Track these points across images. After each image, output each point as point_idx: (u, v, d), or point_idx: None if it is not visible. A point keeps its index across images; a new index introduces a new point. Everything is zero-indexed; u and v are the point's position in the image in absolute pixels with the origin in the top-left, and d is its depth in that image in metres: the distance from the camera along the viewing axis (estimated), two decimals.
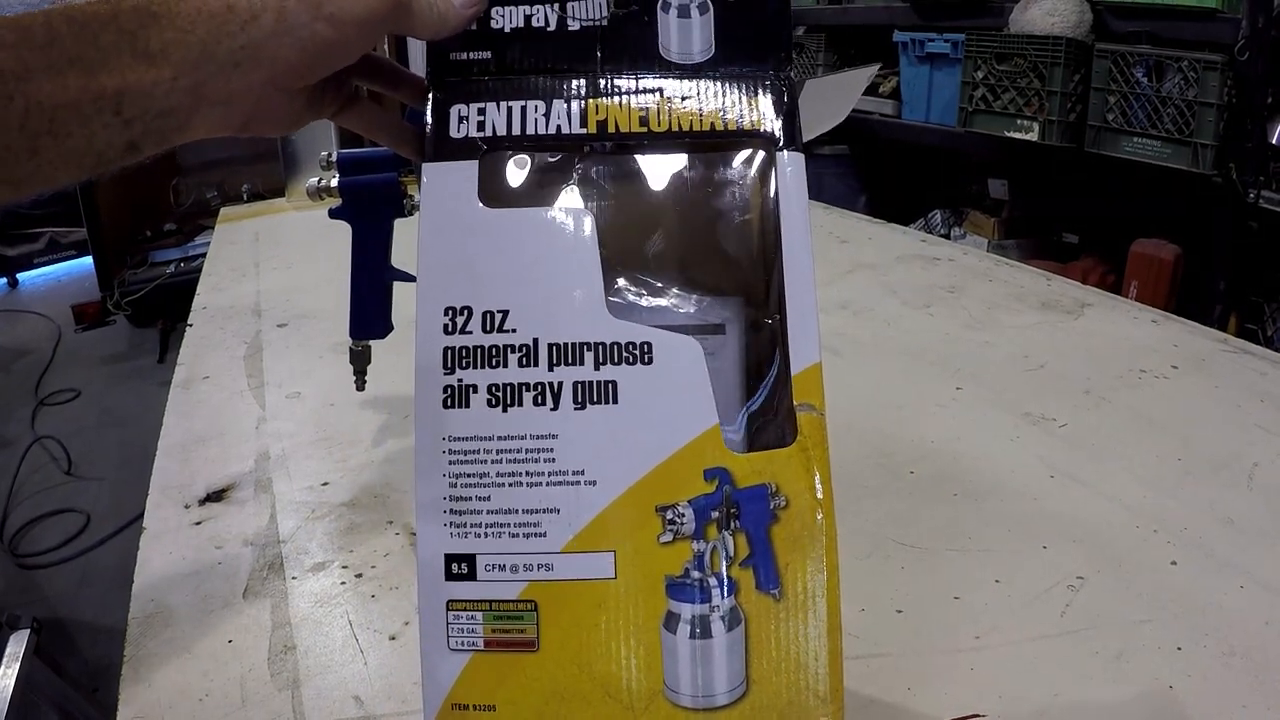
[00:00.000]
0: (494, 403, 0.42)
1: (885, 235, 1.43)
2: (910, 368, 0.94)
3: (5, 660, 1.20)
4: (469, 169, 0.44)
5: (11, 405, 2.86)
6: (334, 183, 0.73)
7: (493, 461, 0.42)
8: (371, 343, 0.79)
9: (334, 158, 0.73)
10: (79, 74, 0.34)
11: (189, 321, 1.17)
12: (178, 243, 3.24)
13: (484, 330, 0.43)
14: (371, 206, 0.73)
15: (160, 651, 0.58)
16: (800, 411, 0.42)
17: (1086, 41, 2.04)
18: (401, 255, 0.73)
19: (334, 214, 0.73)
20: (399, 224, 0.74)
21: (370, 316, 0.76)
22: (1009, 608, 0.58)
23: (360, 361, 0.80)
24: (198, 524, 0.72)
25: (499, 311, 0.43)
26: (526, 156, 0.46)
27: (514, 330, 0.43)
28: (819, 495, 0.42)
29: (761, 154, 0.46)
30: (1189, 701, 0.50)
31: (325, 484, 0.77)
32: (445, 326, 0.43)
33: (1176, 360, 0.92)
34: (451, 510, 0.42)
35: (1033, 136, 2.14)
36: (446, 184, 0.44)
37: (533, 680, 0.42)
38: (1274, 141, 1.75)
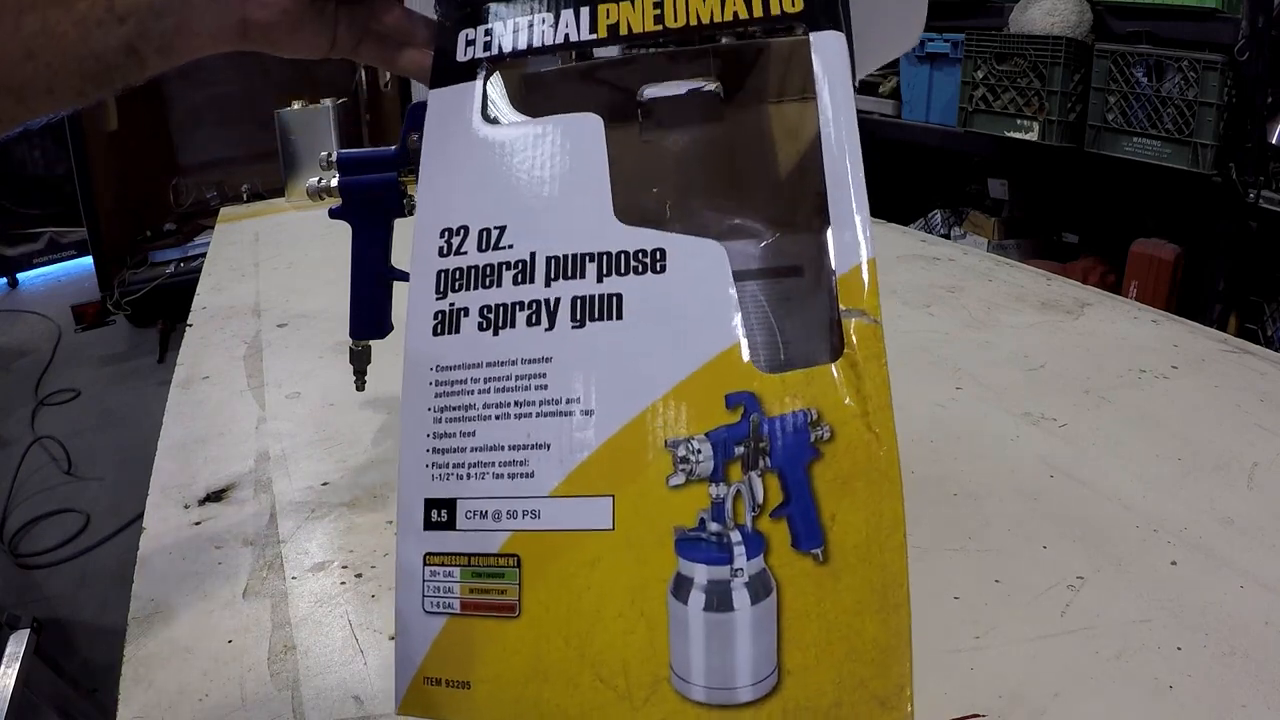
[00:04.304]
0: (485, 326, 0.38)
1: (885, 235, 1.42)
2: (910, 368, 0.94)
3: (5, 660, 1.20)
4: (471, 89, 0.42)
5: (11, 405, 2.86)
6: (334, 183, 0.73)
7: (480, 391, 0.38)
8: (371, 343, 0.79)
9: (334, 158, 0.73)
10: None
11: (189, 321, 1.17)
12: (177, 243, 3.25)
13: (479, 249, 0.39)
14: (371, 206, 0.72)
15: (160, 651, 0.58)
16: (848, 319, 0.34)
17: (1086, 41, 2.03)
18: (401, 255, 0.73)
19: (334, 214, 0.73)
20: (399, 224, 0.74)
21: (370, 316, 0.75)
22: (1009, 608, 0.58)
23: (360, 361, 0.80)
24: (197, 524, 0.72)
25: (495, 228, 0.39)
26: (532, 70, 0.44)
27: (510, 246, 0.39)
28: (874, 423, 0.33)
29: (792, 38, 0.42)
30: (1189, 701, 0.50)
31: (325, 484, 0.77)
32: (440, 249, 0.40)
33: (1176, 360, 0.92)
34: (434, 449, 0.38)
35: (1033, 136, 2.14)
36: (448, 106, 0.42)
37: (512, 654, 0.36)
38: (1274, 141, 1.75)
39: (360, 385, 0.81)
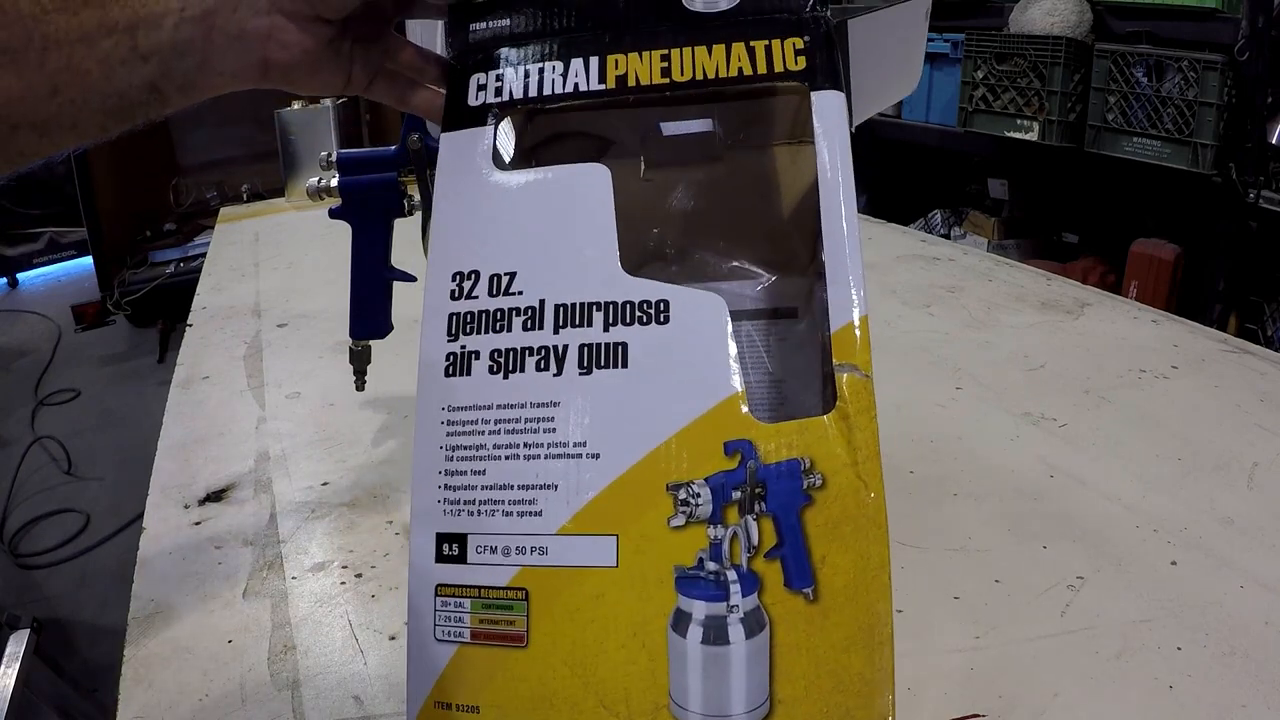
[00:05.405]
0: (495, 369, 0.40)
1: (885, 235, 1.43)
2: (910, 368, 0.94)
3: (5, 660, 1.21)
4: (484, 134, 0.43)
5: (11, 405, 2.86)
6: (334, 183, 0.73)
7: (490, 432, 0.39)
8: (371, 343, 0.79)
9: (334, 158, 0.73)
10: (92, 10, 0.34)
11: (189, 321, 1.17)
12: (178, 243, 3.25)
13: (490, 294, 0.40)
14: (371, 206, 0.72)
15: (160, 651, 0.58)
16: (840, 373, 0.36)
17: (1086, 41, 2.04)
18: (401, 255, 0.73)
19: (334, 214, 0.73)
20: (399, 224, 0.74)
21: (370, 316, 0.75)
22: (1009, 608, 0.58)
23: (360, 361, 0.80)
24: (197, 524, 0.72)
25: (506, 274, 0.41)
26: (542, 117, 0.45)
27: (520, 292, 0.40)
28: (863, 472, 0.35)
29: (794, 96, 0.43)
30: (1189, 701, 0.50)
31: (325, 484, 0.77)
32: (452, 292, 0.41)
33: (1176, 360, 0.92)
34: (446, 486, 0.39)
35: (1033, 136, 2.14)
36: (460, 151, 0.43)
37: (519, 681, 0.38)
38: (1274, 141, 1.75)
39: (360, 385, 0.81)
